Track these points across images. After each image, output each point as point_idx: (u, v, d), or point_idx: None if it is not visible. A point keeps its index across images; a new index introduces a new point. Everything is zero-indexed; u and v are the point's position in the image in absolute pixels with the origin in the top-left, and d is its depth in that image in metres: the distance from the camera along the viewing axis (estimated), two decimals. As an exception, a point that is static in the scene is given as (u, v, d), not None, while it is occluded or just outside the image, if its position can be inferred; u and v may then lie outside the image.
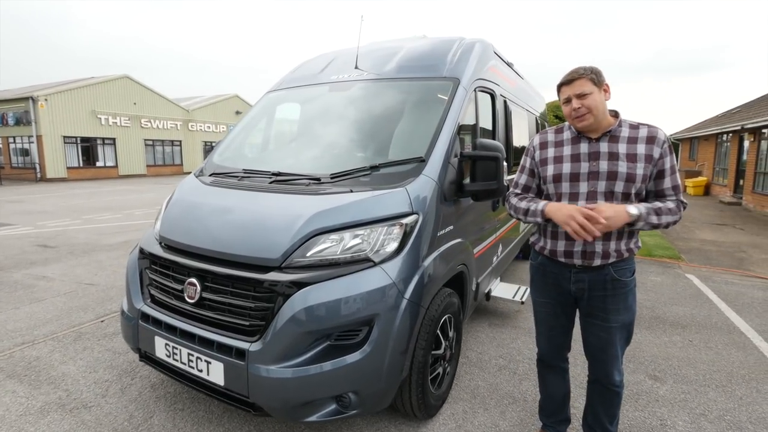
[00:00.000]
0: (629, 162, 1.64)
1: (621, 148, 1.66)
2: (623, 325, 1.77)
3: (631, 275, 1.75)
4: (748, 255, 6.69)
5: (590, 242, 1.69)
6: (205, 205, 2.31)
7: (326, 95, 3.00)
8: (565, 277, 1.80)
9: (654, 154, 1.65)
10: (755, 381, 2.79)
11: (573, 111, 1.66)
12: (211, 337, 1.92)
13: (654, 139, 1.66)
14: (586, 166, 1.69)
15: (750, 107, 15.43)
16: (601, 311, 1.77)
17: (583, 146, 1.72)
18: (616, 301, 1.74)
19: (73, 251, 6.39)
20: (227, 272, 1.94)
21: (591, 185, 1.68)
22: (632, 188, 1.65)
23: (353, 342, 1.85)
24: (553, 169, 1.77)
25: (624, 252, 1.71)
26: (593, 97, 1.64)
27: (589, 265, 1.73)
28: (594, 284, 1.75)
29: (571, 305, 1.87)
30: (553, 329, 1.94)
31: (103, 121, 24.29)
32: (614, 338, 1.78)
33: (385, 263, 1.91)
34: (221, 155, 3.00)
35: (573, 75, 1.67)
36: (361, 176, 2.24)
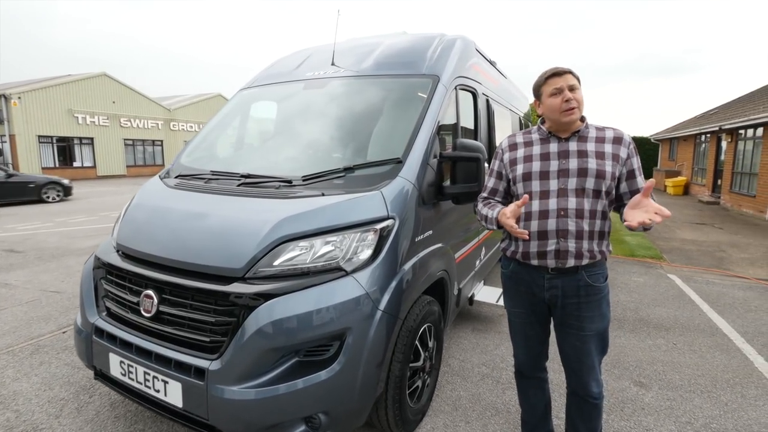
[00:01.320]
0: (598, 159, 1.63)
1: (590, 146, 1.65)
2: (598, 334, 1.71)
3: (604, 281, 1.71)
4: (727, 254, 6.76)
5: (564, 240, 1.63)
6: (166, 210, 2.14)
7: (301, 93, 2.86)
8: (539, 284, 1.72)
9: (621, 154, 1.64)
10: (740, 386, 2.75)
11: (565, 102, 1.60)
12: (169, 354, 1.76)
13: (620, 140, 1.66)
14: (556, 164, 1.66)
15: (727, 108, 15.78)
16: (576, 319, 1.70)
17: (553, 146, 1.70)
18: (591, 308, 1.68)
19: (42, 256, 6.08)
20: (186, 283, 1.78)
21: (561, 183, 1.64)
22: (602, 185, 1.62)
23: (324, 358, 1.72)
24: (523, 168, 1.72)
25: (597, 253, 1.66)
26: (581, 93, 1.64)
27: (562, 267, 1.65)
28: (568, 290, 1.68)
29: (545, 314, 1.79)
30: (530, 339, 1.85)
31: (80, 120, 23.55)
32: (590, 347, 1.72)
33: (357, 272, 1.78)
34: (190, 156, 2.83)
35: (562, 69, 1.64)
36: (334, 178, 2.11)
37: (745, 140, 12.17)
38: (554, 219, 1.62)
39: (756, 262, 6.26)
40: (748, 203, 11.43)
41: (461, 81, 2.74)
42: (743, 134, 12.28)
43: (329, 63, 2.93)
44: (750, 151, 11.80)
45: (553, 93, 1.63)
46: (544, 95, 1.67)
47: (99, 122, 24.46)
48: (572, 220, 1.61)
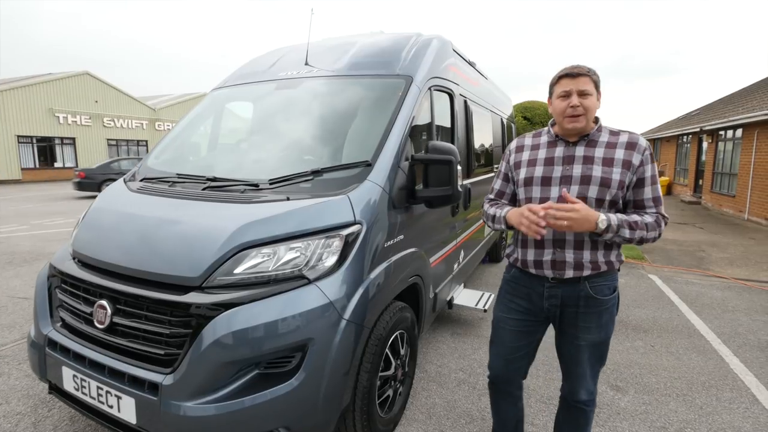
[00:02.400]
0: (605, 166, 1.52)
1: (598, 152, 1.55)
2: (593, 345, 1.63)
3: (611, 293, 1.60)
4: (707, 254, 6.85)
5: (560, 251, 1.56)
6: (125, 215, 2.05)
7: (272, 93, 2.78)
8: (538, 292, 1.65)
9: (633, 160, 1.52)
10: (714, 388, 2.75)
11: (570, 108, 1.52)
12: (122, 368, 1.68)
13: (635, 145, 1.54)
14: (559, 170, 1.58)
15: (708, 110, 16.07)
16: (572, 327, 1.64)
17: (559, 150, 1.60)
18: (588, 318, 1.60)
19: (13, 260, 5.88)
20: (140, 293, 1.69)
21: (562, 190, 1.55)
22: (606, 194, 1.52)
23: (286, 370, 1.65)
24: (525, 172, 1.65)
25: (602, 264, 1.56)
26: (592, 101, 1.53)
27: (561, 278, 1.58)
28: (567, 300, 1.61)
29: (538, 325, 1.71)
30: (513, 352, 1.75)
31: (61, 120, 23.04)
32: (582, 356, 1.65)
33: (321, 280, 1.71)
34: (158, 158, 2.73)
35: (579, 70, 1.53)
36: (301, 182, 2.04)
37: (725, 141, 12.40)
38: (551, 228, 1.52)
39: (735, 262, 6.35)
40: (728, 203, 11.65)
41: (436, 82, 2.69)
42: (723, 135, 12.50)
43: (303, 63, 2.86)
44: (730, 152, 12.02)
45: (561, 95, 1.54)
46: (554, 96, 1.59)
47: (81, 122, 23.96)
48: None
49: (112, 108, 25.59)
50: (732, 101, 14.28)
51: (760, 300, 4.58)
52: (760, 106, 10.38)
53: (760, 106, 10.27)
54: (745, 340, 3.50)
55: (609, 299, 1.60)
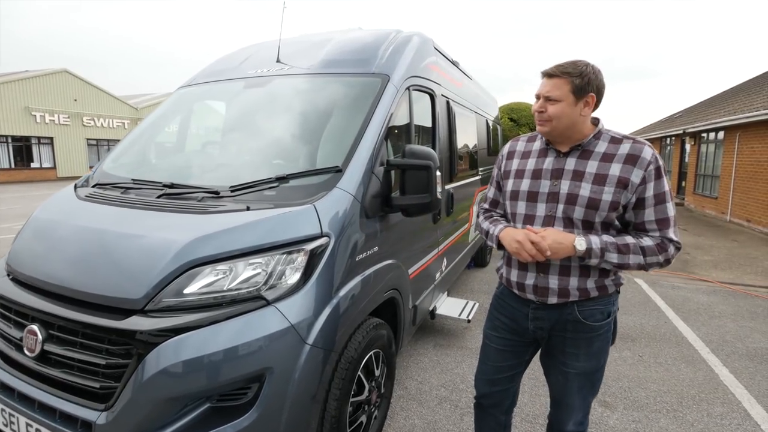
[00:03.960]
0: (595, 184, 1.33)
1: (590, 166, 1.35)
2: (583, 374, 1.47)
3: (603, 318, 1.43)
4: (692, 257, 6.84)
5: (543, 276, 1.41)
6: (68, 225, 1.84)
7: (240, 92, 2.59)
8: (523, 313, 1.51)
9: (633, 177, 1.31)
10: (705, 402, 2.64)
11: (537, 113, 1.39)
12: (53, 403, 1.47)
13: (636, 159, 1.31)
14: (547, 185, 1.41)
15: (690, 112, 16.29)
16: (560, 353, 1.49)
17: (548, 161, 1.43)
18: (577, 345, 1.45)
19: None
20: (74, 317, 1.49)
21: (549, 208, 1.40)
22: (595, 216, 1.34)
23: (241, 403, 1.46)
24: (513, 184, 1.50)
25: (591, 291, 1.39)
26: (560, 108, 1.33)
27: (544, 303, 1.44)
28: (554, 324, 1.46)
29: (525, 345, 1.57)
30: (499, 372, 1.61)
31: (38, 119, 22.28)
32: (571, 386, 1.49)
33: (282, 301, 1.53)
34: (115, 161, 2.51)
35: (555, 69, 1.35)
36: (266, 189, 1.85)
37: (707, 143, 12.55)
38: None
39: (719, 265, 6.34)
40: (710, 205, 11.77)
41: (416, 81, 2.53)
42: (705, 138, 12.65)
43: (274, 60, 2.67)
44: (712, 154, 12.17)
45: (536, 96, 1.40)
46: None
47: (59, 121, 23.22)
48: None
49: (93, 107, 24.89)
50: (714, 104, 14.49)
51: (746, 305, 4.54)
52: (741, 108, 10.51)
53: (741, 109, 10.40)
54: (734, 349, 3.43)
55: (601, 325, 1.43)
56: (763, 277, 5.69)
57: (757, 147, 9.64)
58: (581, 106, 1.34)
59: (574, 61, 1.36)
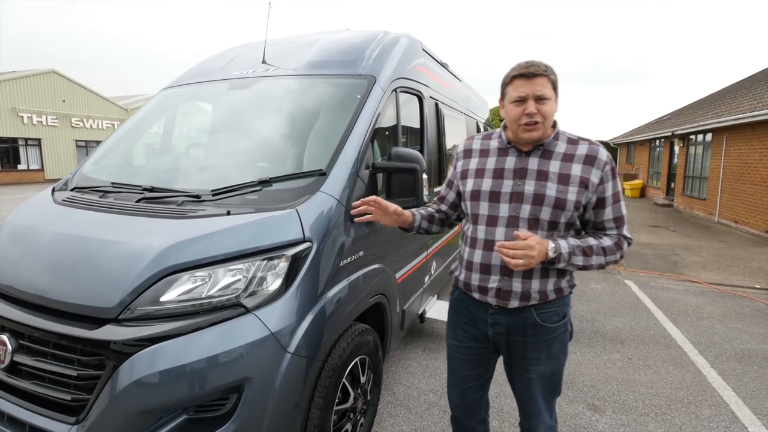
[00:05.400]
0: (560, 184, 1.34)
1: (553, 166, 1.36)
2: (545, 377, 1.48)
3: (560, 319, 1.45)
4: (681, 258, 6.90)
5: (507, 279, 1.39)
6: (43, 230, 1.78)
7: (225, 94, 2.54)
8: (482, 319, 1.48)
9: (592, 177, 1.34)
10: (693, 405, 2.64)
11: (526, 116, 1.31)
12: (23, 416, 1.42)
13: (594, 159, 1.35)
14: (510, 185, 1.39)
15: (679, 114, 16.50)
16: (521, 359, 1.48)
17: (510, 160, 1.41)
18: (537, 348, 1.45)
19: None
20: (45, 326, 1.44)
21: (513, 209, 1.37)
22: (561, 216, 1.35)
23: (220, 414, 1.42)
24: (473, 184, 1.46)
25: (550, 293, 1.41)
26: (551, 106, 1.33)
27: (504, 307, 1.42)
28: (513, 328, 1.45)
29: (489, 352, 1.55)
30: (467, 381, 1.60)
31: (25, 120, 21.92)
32: (534, 391, 1.49)
33: (261, 308, 1.49)
34: (96, 164, 2.45)
35: (535, 69, 1.31)
36: (248, 193, 1.81)
37: (695, 145, 12.70)
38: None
39: (707, 266, 6.40)
40: (699, 206, 11.91)
41: (403, 83, 2.51)
42: (694, 139, 12.81)
43: (260, 61, 2.63)
44: (700, 156, 12.32)
45: (516, 100, 1.33)
46: (507, 98, 1.38)
47: (47, 122, 22.87)
48: None
49: (82, 108, 24.56)
50: (702, 106, 14.69)
51: (733, 305, 4.57)
52: (728, 111, 10.65)
53: (728, 112, 10.54)
54: (721, 350, 3.44)
55: (558, 326, 1.45)
56: (750, 277, 5.75)
57: (743, 149, 9.77)
58: (556, 101, 1.36)
59: (537, 61, 1.35)
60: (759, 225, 8.88)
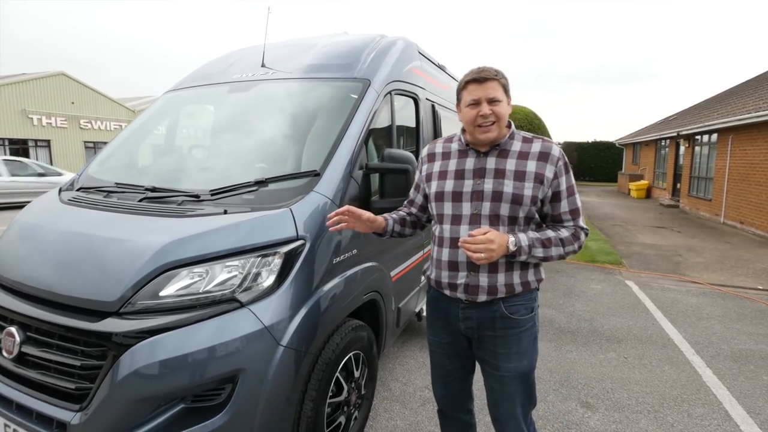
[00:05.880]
0: (516, 181, 1.41)
1: (509, 164, 1.43)
2: (518, 376, 1.50)
3: (528, 313, 1.49)
4: (684, 258, 6.88)
5: (474, 275, 1.44)
6: (50, 229, 1.86)
7: (224, 97, 2.61)
8: (454, 314, 1.53)
9: (547, 173, 1.42)
10: (686, 403, 2.67)
11: (481, 117, 1.39)
12: (30, 404, 1.49)
13: (547, 156, 1.43)
14: (470, 185, 1.46)
15: (685, 115, 16.38)
16: (492, 356, 1.51)
17: (469, 161, 1.49)
18: (507, 343, 1.48)
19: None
20: (51, 319, 1.51)
21: (474, 207, 1.44)
22: (519, 211, 1.42)
23: (215, 404, 1.48)
24: (436, 185, 1.53)
25: (516, 286, 1.45)
26: (503, 107, 1.42)
27: (473, 301, 1.47)
28: (482, 322, 1.49)
29: (465, 347, 1.59)
30: (449, 374, 1.65)
31: (35, 122, 22.28)
32: (509, 391, 1.51)
33: (255, 303, 1.55)
34: (101, 165, 2.54)
35: (486, 74, 1.40)
36: (245, 193, 1.88)
37: (701, 146, 12.62)
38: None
39: (710, 267, 6.38)
40: (704, 206, 11.83)
41: (399, 86, 2.56)
42: (699, 140, 12.73)
43: (259, 64, 2.70)
44: (706, 156, 12.23)
45: (471, 103, 1.42)
46: (462, 103, 1.47)
47: (56, 124, 23.22)
48: None
49: (90, 109, 24.90)
50: (708, 106, 14.58)
51: (734, 306, 4.57)
52: (733, 111, 10.58)
53: (733, 112, 10.47)
54: (719, 350, 3.46)
55: (526, 320, 1.48)
56: (754, 278, 5.73)
57: (749, 149, 9.70)
58: (509, 103, 1.46)
59: (486, 66, 1.44)
60: (765, 226, 8.81)
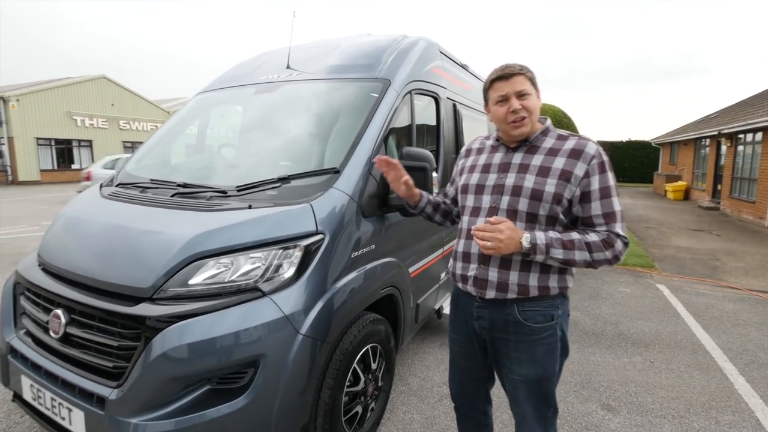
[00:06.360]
0: (539, 176, 1.36)
1: (536, 159, 1.40)
2: (529, 381, 1.43)
3: (546, 321, 1.39)
4: (722, 263, 6.56)
5: (484, 267, 1.42)
6: (91, 221, 2.01)
7: (252, 97, 2.73)
8: (469, 313, 1.52)
9: (576, 170, 1.34)
10: (715, 410, 2.57)
11: (511, 113, 1.38)
12: (73, 380, 1.63)
13: (580, 153, 1.35)
14: (494, 178, 1.46)
15: (727, 112, 15.55)
16: (505, 358, 1.47)
17: (497, 156, 1.49)
18: (519, 349, 1.42)
19: (16, 261, 5.97)
20: (91, 303, 1.65)
21: (494, 200, 1.43)
22: (539, 208, 1.36)
23: (238, 386, 1.58)
24: (464, 179, 1.57)
25: (532, 289, 1.37)
26: (533, 100, 1.39)
27: (483, 297, 1.44)
28: (495, 324, 1.45)
29: (481, 348, 1.56)
30: (465, 373, 1.64)
31: (78, 123, 23.62)
32: (520, 395, 1.46)
33: (277, 293, 1.63)
34: (138, 162, 2.70)
35: (511, 70, 1.38)
36: (269, 189, 1.97)
37: (744, 145, 11.96)
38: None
39: (751, 272, 6.06)
40: (747, 209, 11.20)
41: (419, 85, 2.60)
42: (743, 139, 12.06)
43: (285, 66, 2.80)
44: (749, 156, 11.58)
45: (499, 100, 1.40)
46: (491, 102, 1.45)
47: (98, 124, 24.52)
48: None
49: (128, 111, 26.14)
50: (753, 103, 13.78)
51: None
52: (781, 108, 9.97)
53: (781, 109, 9.87)
54: (754, 357, 3.30)
55: (543, 328, 1.39)
56: (798, 285, 5.40)
57: (797, 148, 9.13)
58: (538, 96, 1.42)
59: (510, 63, 1.42)
60: (813, 230, 8.26)
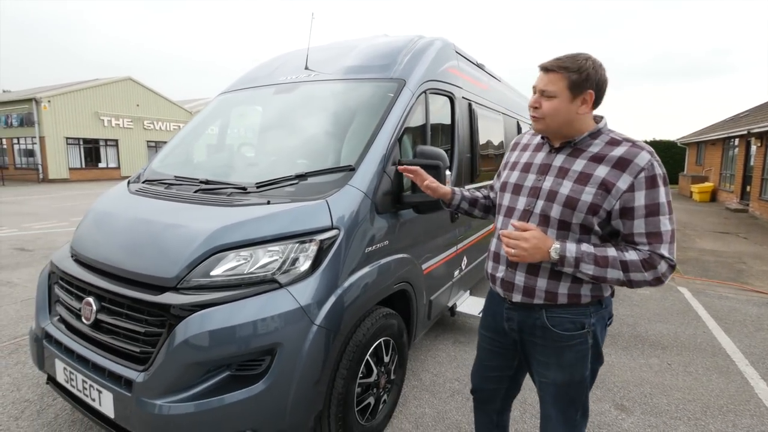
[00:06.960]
0: (577, 183, 1.27)
1: (577, 164, 1.29)
2: (557, 385, 1.40)
3: (576, 329, 1.33)
4: (748, 266, 6.36)
5: (511, 270, 1.41)
6: (120, 215, 2.13)
7: (270, 98, 2.82)
8: (500, 313, 1.50)
9: (619, 182, 1.21)
10: (732, 413, 2.53)
11: (531, 107, 1.34)
12: (103, 363, 1.74)
13: (627, 163, 1.21)
14: (532, 179, 1.39)
15: (758, 111, 14.98)
16: (534, 361, 1.46)
17: (540, 155, 1.41)
18: (547, 353, 1.40)
19: (48, 255, 6.27)
20: (120, 291, 1.75)
21: (528, 203, 1.37)
22: (572, 217, 1.27)
23: (256, 373, 1.65)
24: (504, 176, 1.51)
25: (561, 296, 1.32)
26: (555, 104, 1.27)
27: (510, 299, 1.44)
28: (524, 327, 1.43)
29: (510, 348, 1.54)
30: (489, 370, 1.65)
31: (105, 123, 24.43)
32: (546, 397, 1.45)
33: (293, 285, 1.70)
34: (163, 160, 2.83)
35: (552, 64, 1.27)
36: (287, 186, 2.05)
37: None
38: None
39: (778, 276, 5.86)
40: (777, 212, 10.79)
41: (434, 85, 2.64)
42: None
43: (303, 67, 2.88)
44: (780, 157, 11.15)
45: (533, 89, 1.34)
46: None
47: (123, 125, 25.32)
48: None
49: (152, 111, 26.90)
50: (785, 102, 13.25)
51: (802, 318, 4.19)
52: (814, 106, 9.56)
53: (814, 107, 9.46)
54: (777, 362, 3.21)
55: (572, 335, 1.34)
56: (828, 290, 5.20)
57: (832, 148, 8.74)
58: (578, 103, 1.27)
59: (574, 55, 1.28)
60: None
